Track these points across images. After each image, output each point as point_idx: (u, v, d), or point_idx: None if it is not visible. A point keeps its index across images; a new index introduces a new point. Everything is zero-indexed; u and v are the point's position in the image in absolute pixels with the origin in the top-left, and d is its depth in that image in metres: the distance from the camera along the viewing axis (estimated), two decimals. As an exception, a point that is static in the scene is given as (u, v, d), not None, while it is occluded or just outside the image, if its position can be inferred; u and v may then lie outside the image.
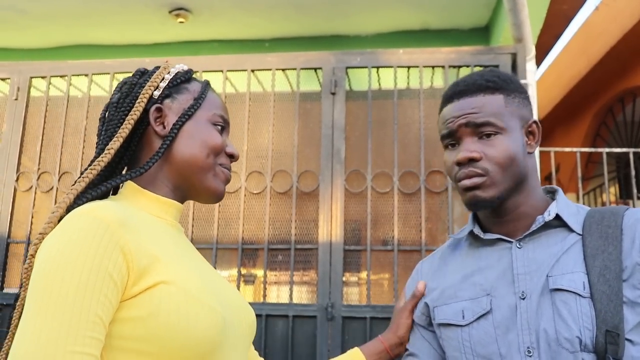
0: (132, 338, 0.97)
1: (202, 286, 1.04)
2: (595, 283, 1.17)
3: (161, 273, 1.00)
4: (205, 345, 0.99)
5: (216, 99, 1.28)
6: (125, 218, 1.02)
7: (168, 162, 1.20)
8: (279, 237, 3.21)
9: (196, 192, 1.23)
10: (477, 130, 1.28)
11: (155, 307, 0.97)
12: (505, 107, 1.29)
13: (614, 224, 1.23)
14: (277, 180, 3.26)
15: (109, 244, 0.97)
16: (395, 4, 4.37)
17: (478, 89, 1.30)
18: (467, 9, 4.43)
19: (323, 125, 3.25)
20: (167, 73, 1.25)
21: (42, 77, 3.56)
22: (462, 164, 1.28)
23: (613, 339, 1.12)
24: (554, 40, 6.15)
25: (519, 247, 1.28)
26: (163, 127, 1.20)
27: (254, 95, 3.39)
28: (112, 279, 0.95)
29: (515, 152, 1.27)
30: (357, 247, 3.12)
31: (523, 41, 3.33)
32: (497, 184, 1.26)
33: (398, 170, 3.18)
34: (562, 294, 1.18)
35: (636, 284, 1.17)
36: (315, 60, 3.37)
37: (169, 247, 1.09)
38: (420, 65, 3.28)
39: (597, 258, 1.20)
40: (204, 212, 3.27)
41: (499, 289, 1.26)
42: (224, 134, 1.26)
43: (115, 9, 4.41)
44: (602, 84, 6.57)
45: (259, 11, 4.48)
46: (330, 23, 4.64)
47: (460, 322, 1.29)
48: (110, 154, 1.13)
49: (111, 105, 1.22)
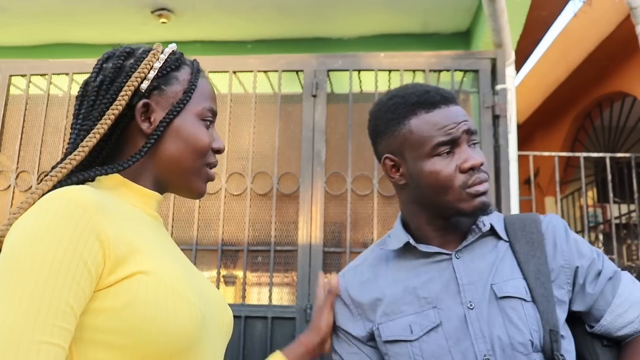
0: (105, 330, 0.91)
1: (182, 278, 0.99)
2: (534, 287, 1.24)
3: (140, 263, 0.95)
4: (183, 340, 0.94)
5: (206, 87, 1.19)
6: (104, 203, 0.96)
7: (152, 158, 1.13)
8: (258, 238, 3.22)
9: (178, 190, 1.19)
10: (471, 138, 1.29)
11: (131, 297, 0.91)
12: None
13: (536, 230, 1.32)
14: (257, 181, 3.27)
15: (85, 229, 0.90)
16: (377, 8, 4.40)
17: (453, 99, 1.32)
18: (448, 14, 4.47)
19: (304, 128, 3.26)
20: (157, 60, 1.14)
21: (22, 75, 3.52)
22: (475, 169, 1.26)
23: (555, 336, 1.19)
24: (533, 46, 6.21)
25: (458, 257, 1.31)
26: (150, 124, 1.12)
27: (236, 96, 3.39)
28: (86, 266, 0.89)
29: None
30: (337, 249, 3.13)
31: (503, 46, 3.36)
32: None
33: (378, 173, 3.20)
34: (509, 301, 1.24)
35: (562, 284, 1.28)
36: (297, 62, 3.38)
37: (149, 237, 1.04)
38: (401, 69, 3.30)
39: (530, 263, 1.28)
40: (184, 213, 3.26)
41: (445, 300, 1.27)
42: (211, 127, 1.19)
43: (97, 8, 4.39)
44: (581, 90, 6.65)
45: (242, 13, 4.48)
46: (313, 25, 4.66)
47: (409, 337, 1.27)
48: (84, 152, 1.05)
49: (91, 87, 1.12)
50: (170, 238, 1.21)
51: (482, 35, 4.08)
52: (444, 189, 1.27)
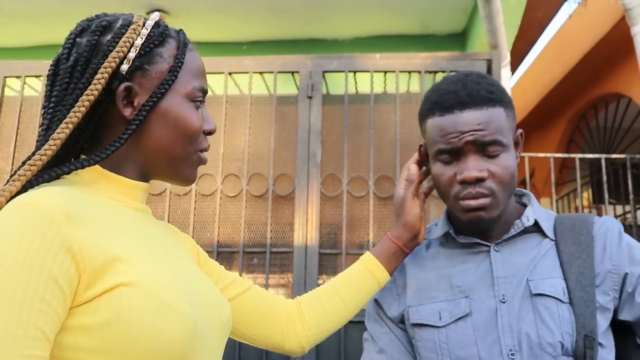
0: (87, 349, 0.82)
1: (171, 285, 0.89)
2: (573, 289, 1.19)
3: (121, 273, 0.85)
4: (174, 352, 0.85)
5: (194, 63, 1.07)
6: (76, 209, 0.86)
7: (137, 145, 1.01)
8: (254, 240, 3.21)
9: (165, 178, 1.07)
10: (484, 149, 1.21)
11: (114, 312, 0.82)
12: (506, 121, 1.23)
13: (586, 231, 1.26)
14: (253, 183, 3.26)
15: (54, 242, 0.80)
16: (372, 9, 4.40)
17: (481, 102, 1.22)
18: (443, 15, 4.47)
19: (299, 129, 3.26)
20: (138, 36, 1.00)
21: (16, 76, 3.52)
22: (467, 183, 1.21)
23: (590, 343, 1.15)
24: (528, 47, 6.23)
25: (497, 250, 1.28)
26: (133, 109, 0.99)
27: (231, 98, 3.39)
28: (57, 283, 0.79)
29: (514, 169, 1.24)
30: (333, 250, 3.13)
31: (498, 47, 3.37)
32: (500, 203, 1.23)
33: (374, 175, 3.20)
34: (543, 299, 1.20)
35: (607, 290, 1.21)
36: (292, 63, 3.38)
37: (133, 239, 0.94)
38: (396, 70, 3.31)
39: (573, 264, 1.22)
40: (179, 215, 3.26)
41: (479, 291, 1.25)
42: (202, 107, 1.07)
43: (93, 9, 4.34)
44: (576, 91, 6.66)
45: (237, 14, 4.48)
46: (308, 27, 4.66)
47: (437, 323, 1.26)
48: (56, 145, 0.92)
49: (64, 67, 0.99)
50: (162, 229, 1.11)
51: (478, 36, 4.08)
52: (443, 195, 1.28)
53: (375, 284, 1.33)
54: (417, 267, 1.37)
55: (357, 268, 1.35)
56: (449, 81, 1.28)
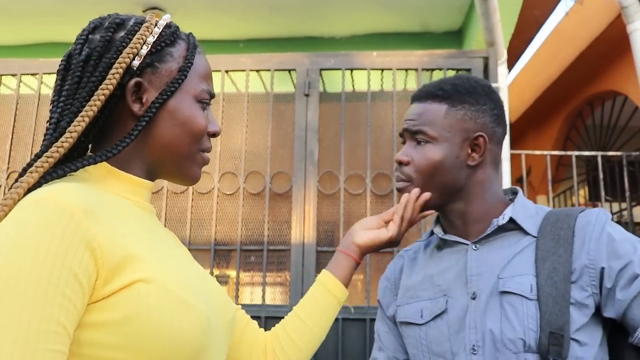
0: (106, 346, 0.82)
1: (184, 283, 0.91)
2: (542, 286, 1.19)
3: (138, 270, 0.85)
4: (189, 349, 0.86)
5: (203, 67, 1.09)
6: (93, 205, 0.86)
7: (143, 143, 1.02)
8: (251, 238, 3.21)
9: (171, 176, 1.09)
10: (413, 137, 1.34)
11: (132, 309, 0.82)
12: (444, 117, 1.32)
13: (567, 225, 1.26)
14: (250, 181, 3.26)
15: (74, 237, 0.81)
16: (369, 7, 4.40)
17: (427, 96, 1.36)
18: (440, 13, 4.47)
19: (296, 127, 3.26)
20: (150, 34, 1.03)
21: (12, 74, 3.51)
22: (396, 163, 1.36)
23: (557, 340, 1.15)
24: (525, 45, 6.23)
25: (475, 249, 1.31)
26: (141, 105, 1.01)
27: (228, 96, 3.38)
28: (77, 279, 0.79)
29: (441, 162, 1.30)
30: (330, 248, 3.12)
31: (495, 45, 3.37)
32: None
33: (371, 172, 3.20)
34: (509, 297, 1.21)
35: (584, 286, 1.19)
36: (289, 61, 3.38)
37: (145, 237, 0.95)
38: (393, 68, 3.31)
39: (547, 260, 1.22)
40: (177, 213, 3.25)
41: (455, 289, 1.30)
42: (207, 109, 1.09)
43: (89, 7, 4.36)
44: (573, 89, 6.67)
45: (234, 11, 4.47)
46: (305, 24, 4.65)
47: (418, 320, 1.32)
48: (73, 138, 0.93)
49: (76, 61, 1.00)
50: (164, 229, 1.12)
51: (475, 34, 4.08)
52: None
53: (335, 303, 1.34)
54: (410, 268, 1.44)
55: (317, 290, 1.36)
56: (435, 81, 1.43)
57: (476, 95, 1.34)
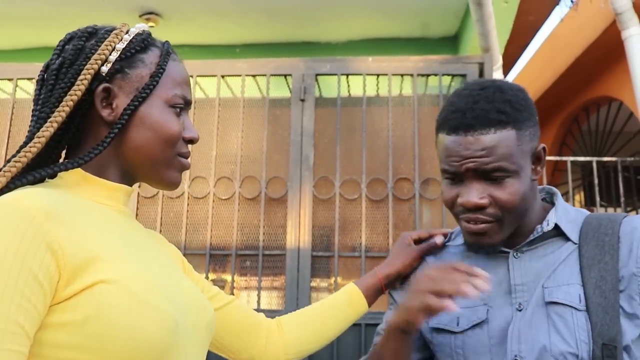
0: (67, 346, 0.83)
1: (151, 284, 0.91)
2: (590, 295, 1.14)
3: (101, 271, 0.86)
4: (152, 350, 0.86)
5: (177, 72, 1.09)
6: (57, 208, 0.87)
7: (117, 149, 1.03)
8: (247, 242, 3.21)
9: (149, 181, 1.09)
10: (487, 175, 1.17)
11: (93, 310, 0.83)
12: (517, 145, 1.17)
13: (611, 231, 1.20)
14: (245, 186, 3.26)
15: (34, 240, 0.82)
16: (365, 12, 4.41)
17: (489, 124, 1.16)
18: (436, 19, 4.49)
19: (292, 132, 3.26)
20: (120, 41, 1.04)
21: (8, 79, 3.51)
22: (467, 207, 1.19)
23: (610, 352, 1.10)
24: (520, 51, 6.24)
25: (516, 257, 1.25)
26: (111, 111, 1.01)
27: (224, 100, 3.39)
28: (37, 280, 0.81)
29: (524, 193, 1.19)
30: (326, 253, 3.13)
31: (490, 51, 3.39)
32: (505, 228, 1.21)
33: (366, 177, 3.20)
34: (557, 307, 1.16)
35: (633, 295, 1.15)
36: (285, 66, 3.39)
37: (114, 239, 0.95)
38: (389, 73, 3.32)
39: (593, 269, 1.17)
40: (172, 218, 3.25)
41: (496, 299, 1.23)
42: (183, 115, 1.09)
43: (85, 12, 4.37)
44: (568, 94, 6.69)
45: (230, 16, 4.48)
46: (301, 30, 4.66)
47: (454, 328, 1.26)
48: (40, 143, 0.95)
49: (50, 72, 1.03)
50: (146, 233, 1.13)
51: (470, 39, 4.10)
52: (450, 210, 1.27)
53: (354, 316, 1.40)
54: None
55: (342, 298, 1.41)
56: (463, 94, 1.23)
57: (528, 108, 1.22)
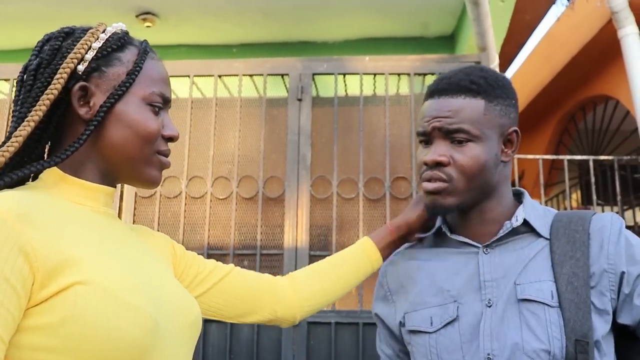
0: (44, 349, 0.83)
1: (130, 285, 0.90)
2: (563, 292, 1.14)
3: (76, 272, 0.85)
4: (131, 351, 0.86)
5: (155, 71, 1.08)
6: (30, 210, 0.87)
7: (95, 147, 1.03)
8: (244, 242, 3.22)
9: (129, 180, 1.08)
10: (450, 136, 1.22)
11: (69, 311, 0.82)
12: (484, 114, 1.22)
13: (581, 228, 1.21)
14: (243, 185, 3.27)
15: (5, 243, 0.81)
16: (362, 12, 4.41)
17: (459, 90, 1.23)
18: (433, 18, 4.50)
19: (289, 131, 3.27)
20: (96, 40, 1.03)
21: (5, 79, 3.51)
22: (428, 165, 1.23)
23: (583, 347, 1.10)
24: (517, 50, 6.26)
25: (486, 252, 1.25)
26: (89, 109, 1.01)
27: (221, 100, 3.39)
28: (9, 283, 0.80)
29: (485, 162, 1.22)
30: (323, 252, 3.13)
31: (487, 50, 3.39)
32: (459, 192, 1.22)
33: (363, 177, 3.21)
34: (530, 304, 1.16)
35: (604, 291, 1.15)
36: (282, 66, 3.39)
37: (92, 240, 0.94)
38: (386, 73, 3.32)
39: (565, 265, 1.17)
40: (169, 217, 3.26)
41: (466, 295, 1.23)
42: (162, 114, 1.08)
43: (82, 12, 4.37)
44: (565, 93, 6.70)
45: (227, 16, 4.48)
46: (298, 29, 4.67)
47: (428, 328, 1.25)
48: (18, 142, 0.95)
49: (29, 72, 1.02)
50: (128, 232, 1.11)
51: (467, 39, 4.11)
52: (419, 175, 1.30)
53: (369, 268, 1.41)
54: (410, 273, 1.36)
55: (355, 251, 1.42)
56: (450, 71, 1.30)
57: (504, 88, 1.27)
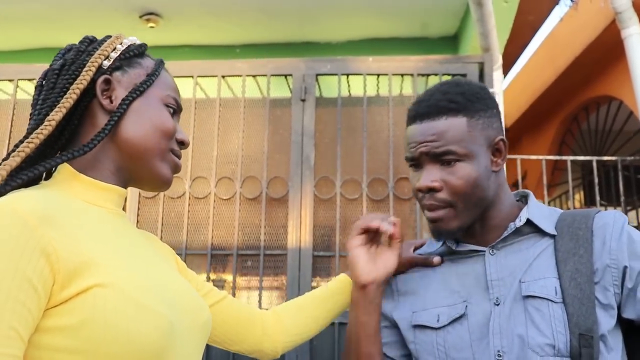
0: (64, 349, 0.84)
1: (146, 287, 0.92)
2: (566, 287, 1.17)
3: (95, 275, 0.87)
4: (149, 353, 0.87)
5: (170, 80, 1.17)
6: (51, 211, 0.88)
7: (113, 141, 1.06)
8: (248, 242, 3.22)
9: (141, 178, 1.11)
10: (439, 159, 1.25)
11: (88, 313, 0.84)
12: (468, 131, 1.24)
13: (585, 225, 1.24)
14: (246, 186, 3.27)
15: (28, 244, 0.82)
16: (365, 12, 4.41)
17: (439, 112, 1.25)
18: (436, 18, 4.49)
19: (293, 132, 3.27)
20: (120, 44, 1.12)
21: (9, 80, 3.51)
22: (422, 191, 1.26)
23: (587, 341, 1.12)
24: (520, 50, 6.25)
25: (492, 253, 1.28)
26: (110, 102, 1.07)
27: (224, 101, 3.39)
28: (31, 284, 0.81)
29: (476, 178, 1.24)
30: (327, 253, 3.13)
31: (490, 50, 3.39)
32: (461, 215, 1.26)
33: (367, 177, 3.21)
34: (534, 301, 1.19)
35: (607, 286, 1.18)
36: (285, 66, 3.39)
37: (108, 242, 0.96)
38: (389, 73, 3.32)
39: (569, 262, 1.20)
40: (173, 218, 3.26)
41: (475, 295, 1.26)
42: (175, 118, 1.14)
43: (85, 12, 4.37)
44: (568, 93, 6.69)
45: (230, 17, 4.48)
46: (301, 30, 4.67)
47: (434, 324, 1.28)
48: (51, 125, 0.98)
49: (51, 72, 1.08)
50: (140, 234, 1.14)
51: (470, 39, 4.10)
52: (417, 200, 1.33)
53: (347, 304, 1.47)
54: (420, 280, 1.39)
55: (336, 287, 1.48)
56: (428, 91, 1.33)
57: (483, 100, 1.29)
